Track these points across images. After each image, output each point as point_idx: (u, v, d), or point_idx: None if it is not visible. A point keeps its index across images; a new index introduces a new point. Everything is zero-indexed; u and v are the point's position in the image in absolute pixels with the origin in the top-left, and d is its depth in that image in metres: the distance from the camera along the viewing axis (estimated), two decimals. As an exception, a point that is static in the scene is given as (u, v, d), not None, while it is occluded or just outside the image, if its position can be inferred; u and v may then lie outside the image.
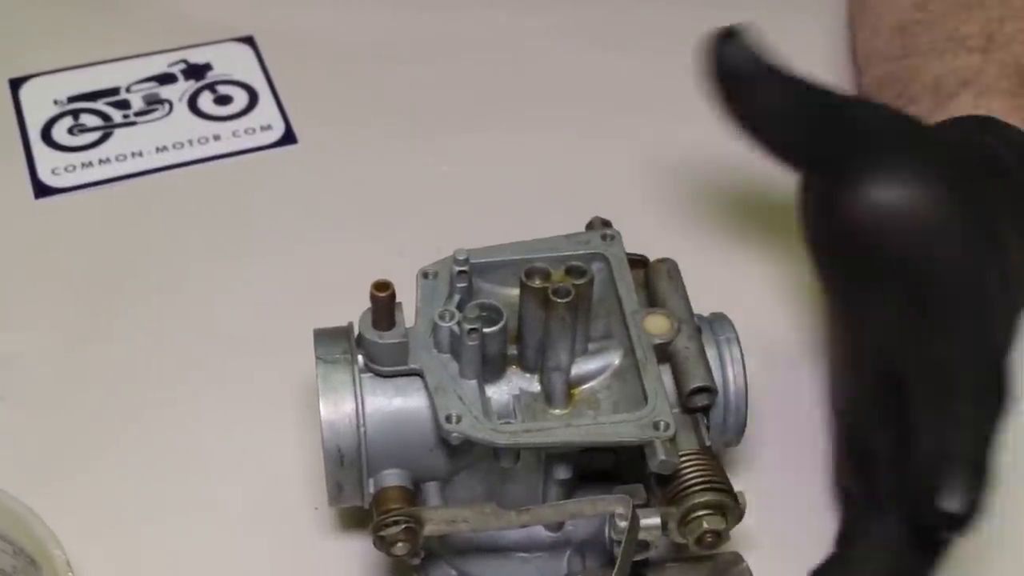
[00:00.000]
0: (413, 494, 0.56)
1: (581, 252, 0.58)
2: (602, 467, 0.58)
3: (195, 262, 0.73)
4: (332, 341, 0.57)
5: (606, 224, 0.60)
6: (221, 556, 0.61)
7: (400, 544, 0.54)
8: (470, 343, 0.54)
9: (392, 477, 0.56)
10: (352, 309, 0.57)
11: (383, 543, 0.54)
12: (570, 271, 0.55)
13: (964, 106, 0.65)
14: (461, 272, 0.56)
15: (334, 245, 0.74)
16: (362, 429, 0.55)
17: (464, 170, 0.77)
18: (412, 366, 0.55)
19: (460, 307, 0.56)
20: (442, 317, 0.55)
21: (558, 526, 0.58)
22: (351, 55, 0.84)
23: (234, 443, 0.65)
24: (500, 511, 0.54)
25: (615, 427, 0.53)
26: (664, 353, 0.56)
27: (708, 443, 0.56)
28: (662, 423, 0.53)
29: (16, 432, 0.66)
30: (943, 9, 0.71)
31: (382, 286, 0.54)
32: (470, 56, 0.84)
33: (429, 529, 0.54)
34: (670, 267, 0.59)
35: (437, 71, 0.83)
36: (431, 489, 0.57)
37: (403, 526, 0.54)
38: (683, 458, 0.54)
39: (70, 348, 0.69)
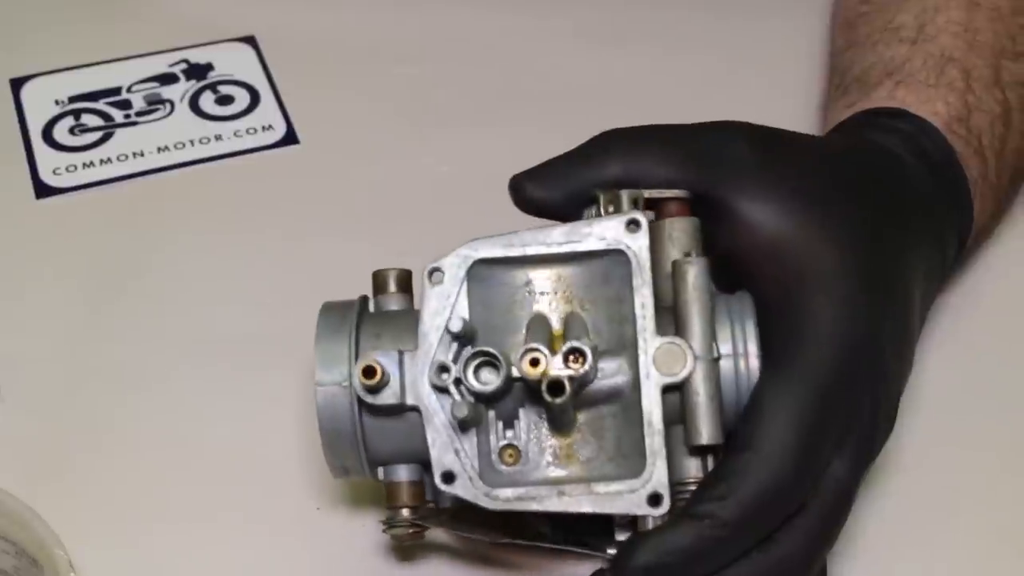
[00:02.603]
0: (423, 484, 0.56)
1: (600, 248, 0.54)
2: None
3: (196, 262, 0.73)
4: (332, 362, 0.55)
5: (635, 204, 0.55)
6: (222, 556, 0.61)
7: (407, 539, 0.56)
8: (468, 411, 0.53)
9: (401, 472, 0.56)
10: (353, 309, 0.57)
11: (393, 538, 0.56)
12: (569, 354, 0.52)
13: (882, 97, 0.65)
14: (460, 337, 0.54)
15: (335, 245, 0.74)
16: (362, 447, 0.55)
17: (464, 170, 0.77)
18: (410, 403, 0.54)
19: (459, 351, 0.53)
20: (442, 370, 0.53)
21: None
22: (352, 55, 0.84)
23: (235, 443, 0.65)
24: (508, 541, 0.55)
25: (609, 499, 0.53)
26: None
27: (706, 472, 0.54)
28: (659, 496, 0.52)
29: (17, 432, 0.66)
30: (884, 0, 0.72)
31: (369, 372, 0.53)
32: (471, 56, 0.84)
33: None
34: (698, 271, 0.54)
35: (438, 71, 0.83)
36: None
37: (411, 530, 0.56)
38: (679, 486, 0.54)
39: (71, 348, 0.69)
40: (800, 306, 0.54)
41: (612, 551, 0.54)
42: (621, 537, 0.54)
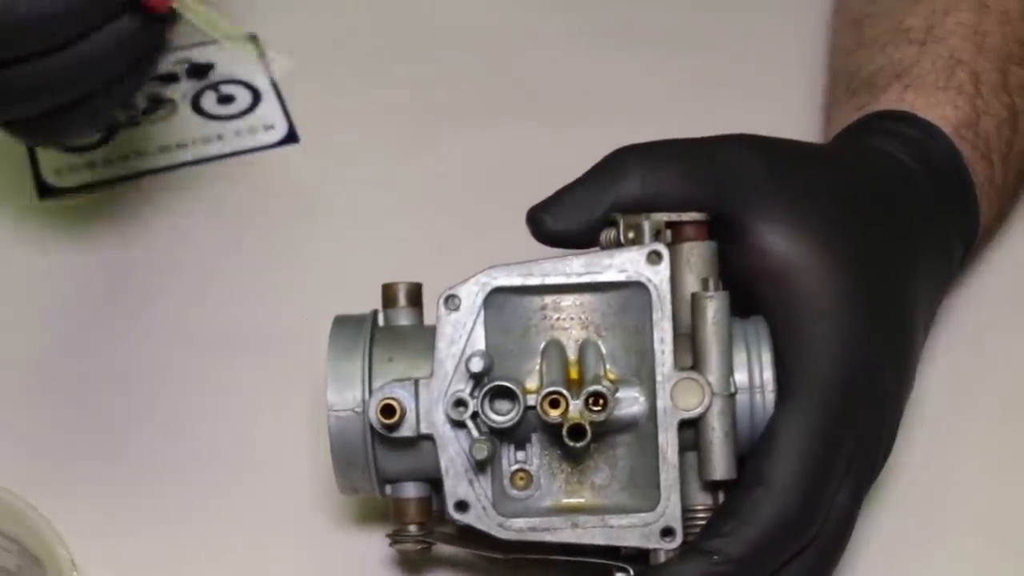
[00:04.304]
0: (430, 500, 0.57)
1: (620, 279, 0.54)
2: None
3: (198, 261, 0.73)
4: (345, 384, 0.55)
5: (657, 234, 0.54)
6: (225, 555, 0.62)
7: (415, 554, 0.57)
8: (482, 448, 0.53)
9: (409, 489, 0.56)
10: (354, 307, 0.58)
11: (399, 552, 0.57)
12: (590, 398, 0.52)
13: (891, 100, 0.65)
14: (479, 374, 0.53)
15: (335, 244, 0.74)
16: (373, 470, 0.55)
17: (464, 170, 0.78)
18: (425, 432, 0.54)
19: (476, 384, 0.53)
20: (459, 404, 0.53)
21: None
22: (354, 55, 0.84)
23: (237, 442, 0.65)
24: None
25: (622, 531, 0.53)
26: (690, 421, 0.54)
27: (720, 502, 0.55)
28: (672, 530, 0.53)
29: (21, 432, 0.66)
30: (892, 2, 0.72)
31: (388, 411, 0.53)
32: (472, 56, 0.84)
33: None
34: (718, 305, 0.54)
35: (439, 71, 0.83)
36: None
37: (419, 546, 0.56)
38: (689, 513, 0.54)
39: (75, 348, 0.70)
40: (807, 337, 0.54)
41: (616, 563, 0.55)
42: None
